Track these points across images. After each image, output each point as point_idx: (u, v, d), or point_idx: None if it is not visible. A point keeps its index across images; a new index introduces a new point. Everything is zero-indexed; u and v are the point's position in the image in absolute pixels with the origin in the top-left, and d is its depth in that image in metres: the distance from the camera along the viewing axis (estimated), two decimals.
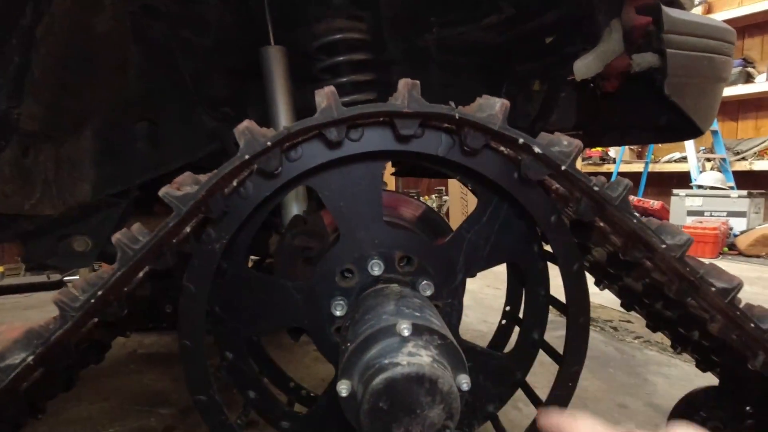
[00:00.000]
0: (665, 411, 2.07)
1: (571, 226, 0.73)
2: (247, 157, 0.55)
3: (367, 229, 0.83)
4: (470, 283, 1.00)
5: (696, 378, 2.33)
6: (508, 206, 0.84)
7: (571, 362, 0.77)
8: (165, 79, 1.20)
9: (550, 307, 0.91)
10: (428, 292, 0.83)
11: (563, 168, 0.56)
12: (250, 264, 1.05)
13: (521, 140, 0.55)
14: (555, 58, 1.37)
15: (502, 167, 0.69)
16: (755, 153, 5.39)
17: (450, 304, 0.86)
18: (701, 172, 5.19)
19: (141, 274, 0.60)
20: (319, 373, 2.35)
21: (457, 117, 0.55)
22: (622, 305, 1.16)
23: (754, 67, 5.38)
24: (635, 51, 1.17)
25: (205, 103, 1.24)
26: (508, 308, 1.09)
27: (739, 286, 0.60)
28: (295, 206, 1.11)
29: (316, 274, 0.84)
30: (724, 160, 5.27)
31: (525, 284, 0.88)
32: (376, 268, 0.82)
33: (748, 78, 5.34)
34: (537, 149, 0.56)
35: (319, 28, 1.18)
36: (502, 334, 1.11)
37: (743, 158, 5.37)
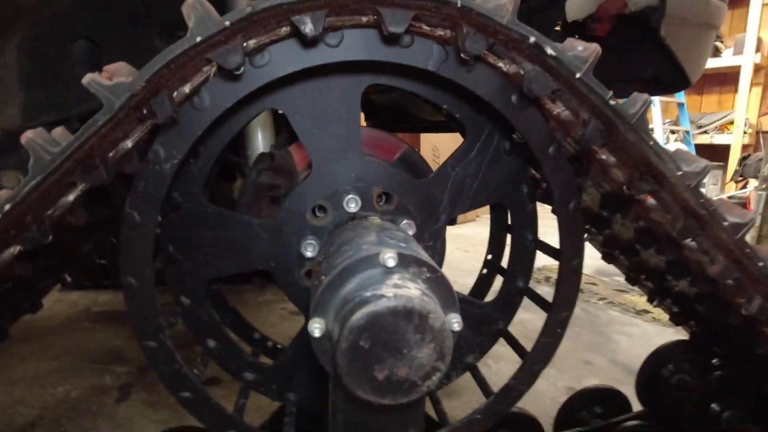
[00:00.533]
0: (627, 367, 2.14)
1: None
2: (198, 39, 0.44)
3: (343, 161, 0.74)
4: None
5: (656, 336, 2.41)
6: (500, 139, 0.76)
7: (561, 308, 0.72)
8: None
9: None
10: (409, 233, 0.76)
11: (578, 76, 0.48)
12: None
13: (533, 39, 0.47)
14: None
15: (499, 86, 0.60)
16: (716, 127, 5.55)
17: (432, 248, 0.79)
18: (666, 143, 5.31)
19: (71, 196, 0.49)
20: (286, 331, 2.28)
21: (459, 5, 0.45)
22: (603, 258, 1.13)
23: (721, 41, 5.45)
24: None
25: (157, 24, 1.08)
26: (489, 257, 1.04)
27: (751, 221, 0.55)
28: (261, 141, 1.00)
29: (284, 210, 0.75)
30: (687, 132, 5.40)
31: (512, 228, 0.82)
32: (352, 205, 0.74)
33: (716, 52, 5.41)
34: (551, 51, 0.47)
35: None
36: (482, 284, 1.07)
37: (705, 132, 5.52)
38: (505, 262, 0.94)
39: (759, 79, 5.25)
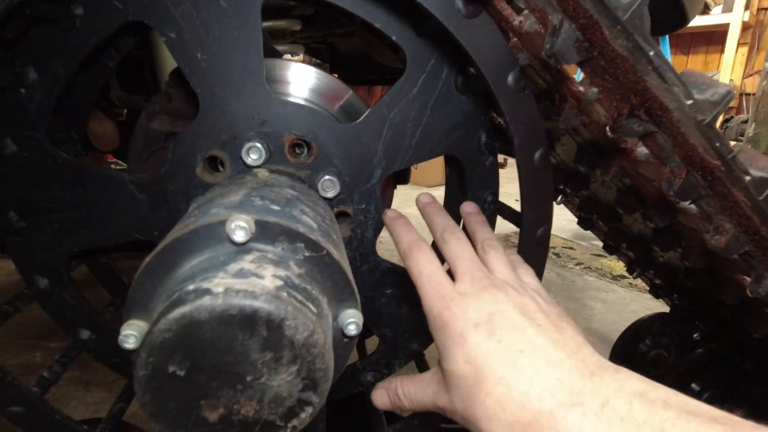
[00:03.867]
0: (601, 334, 2.06)
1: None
2: None
3: (242, 97, 0.55)
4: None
5: (631, 302, 2.34)
6: (450, 71, 0.58)
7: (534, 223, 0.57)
8: None
9: (499, 220, 0.70)
10: (331, 192, 0.59)
11: None
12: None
13: None
14: None
15: None
16: None
17: (363, 211, 0.62)
18: None
19: None
20: None
21: None
22: (579, 223, 0.98)
23: None
24: None
25: None
26: None
27: None
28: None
29: (168, 163, 0.57)
30: None
31: (466, 187, 0.65)
32: (253, 155, 0.56)
33: (705, 9, 5.21)
34: None
35: None
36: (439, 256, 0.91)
37: None
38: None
39: (746, 38, 5.09)
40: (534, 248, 0.56)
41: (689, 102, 0.35)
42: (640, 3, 0.32)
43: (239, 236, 0.28)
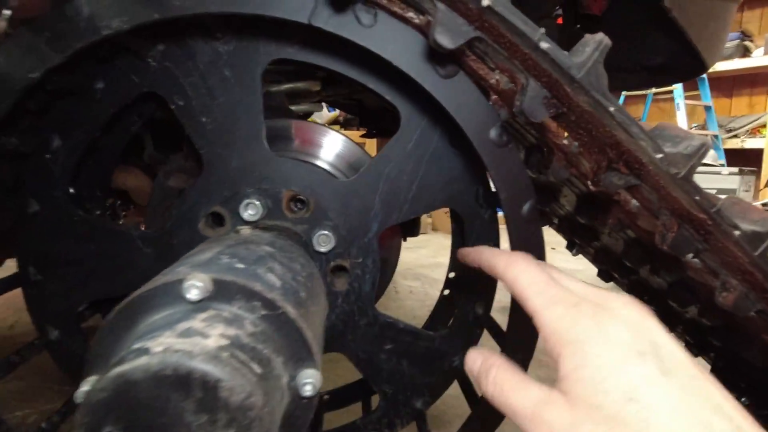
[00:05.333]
0: None
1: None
2: None
3: (242, 157, 0.58)
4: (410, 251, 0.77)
5: None
6: (443, 129, 0.59)
7: (516, 349, 0.54)
8: None
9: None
10: (326, 246, 0.60)
11: (486, 3, 0.31)
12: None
13: None
14: None
15: (408, 44, 0.44)
16: (747, 131, 5.20)
17: (361, 265, 0.62)
18: None
19: None
20: None
21: None
22: (599, 275, 0.94)
23: (751, 41, 5.14)
24: None
25: None
26: (452, 274, 0.85)
27: None
28: None
29: (172, 219, 0.60)
30: (716, 137, 5.08)
31: (465, 240, 0.64)
32: (251, 211, 0.58)
33: (745, 52, 5.10)
34: None
35: None
36: (444, 308, 0.89)
37: (735, 136, 5.18)
38: None
39: None
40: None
41: (659, 156, 0.34)
42: (594, 61, 0.32)
43: (193, 294, 0.29)
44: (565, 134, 0.43)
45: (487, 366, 0.35)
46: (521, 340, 0.54)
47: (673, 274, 0.52)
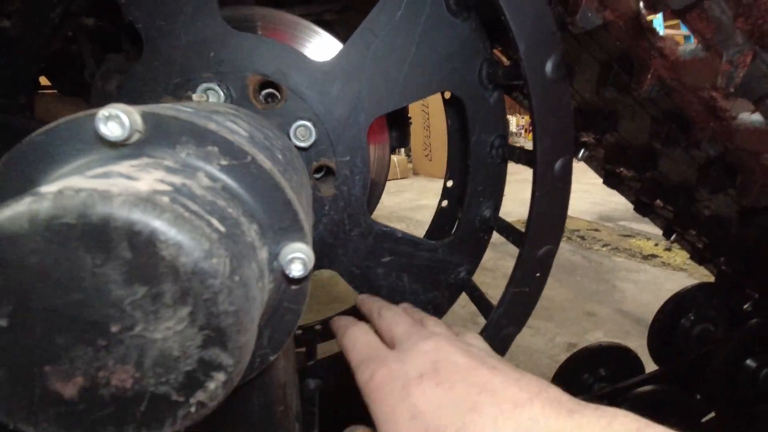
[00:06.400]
0: (636, 316, 1.92)
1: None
2: None
3: (191, 29, 0.47)
4: (393, 195, 0.67)
5: (666, 282, 2.19)
6: None
7: (538, 239, 0.47)
8: None
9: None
10: (306, 142, 0.50)
11: None
12: None
13: None
14: None
15: None
16: None
17: (349, 164, 0.53)
18: None
19: None
20: None
21: None
22: (605, 182, 0.87)
23: None
24: None
25: None
26: (450, 182, 0.77)
27: None
28: None
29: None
30: None
31: (468, 130, 0.55)
32: (211, 99, 0.47)
33: None
34: None
35: None
36: (443, 220, 0.81)
37: None
38: None
39: None
40: (553, 184, 0.45)
41: None
42: None
43: (114, 131, 0.19)
44: None
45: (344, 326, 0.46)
46: (548, 226, 0.46)
47: (716, 145, 0.44)
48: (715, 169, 0.52)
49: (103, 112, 0.20)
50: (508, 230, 0.55)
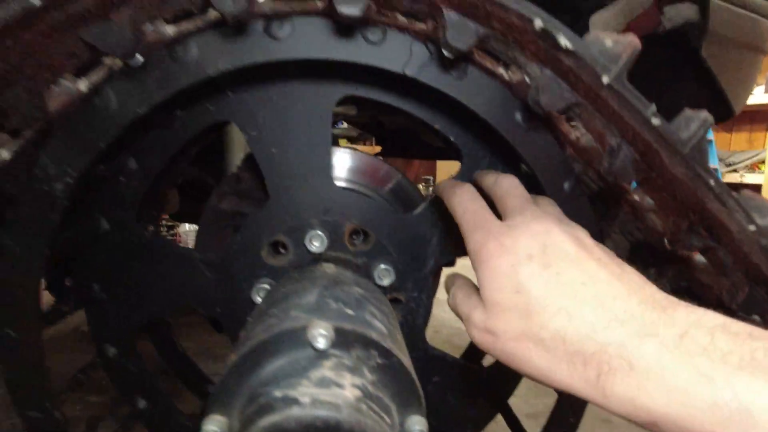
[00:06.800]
0: None
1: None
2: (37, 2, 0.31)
3: (308, 188, 0.60)
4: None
5: None
6: (504, 168, 0.62)
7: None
8: None
9: None
10: (386, 281, 0.61)
11: (606, 81, 0.33)
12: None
13: (538, 22, 0.33)
14: (563, 15, 1.14)
15: (498, 98, 0.46)
16: (747, 166, 5.29)
17: (416, 299, 0.64)
18: None
19: None
20: None
21: None
22: None
23: None
24: (667, 3, 0.95)
25: None
26: None
27: None
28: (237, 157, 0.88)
29: (235, 245, 0.61)
30: (716, 170, 5.17)
31: None
32: (316, 243, 0.60)
33: None
34: (565, 42, 0.33)
35: None
36: None
37: (735, 170, 5.27)
38: None
39: None
40: None
41: (752, 227, 0.36)
42: (699, 138, 0.34)
43: (321, 343, 0.31)
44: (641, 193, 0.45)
45: (451, 284, 0.49)
46: None
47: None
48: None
49: (316, 330, 0.31)
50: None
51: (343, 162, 0.70)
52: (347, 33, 0.43)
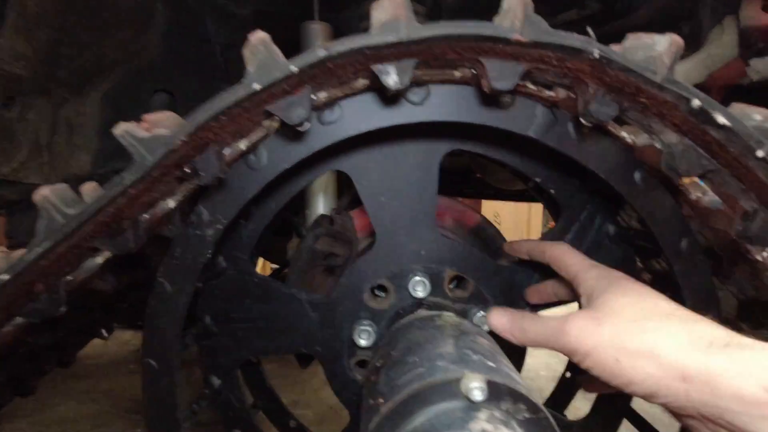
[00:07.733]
0: None
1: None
2: (256, 87, 0.37)
3: (413, 236, 0.63)
4: None
5: None
6: (602, 222, 0.62)
7: None
8: (191, 48, 1.05)
9: None
10: (485, 327, 0.62)
11: (761, 155, 0.34)
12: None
13: (696, 102, 0.35)
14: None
15: (619, 161, 0.48)
16: None
17: (511, 346, 0.64)
18: None
19: (94, 261, 0.42)
20: (328, 398, 2.11)
21: (596, 55, 0.34)
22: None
23: None
24: (754, 55, 0.95)
25: (234, 79, 1.07)
26: None
27: None
28: (321, 203, 0.93)
29: (339, 287, 0.64)
30: None
31: None
32: (419, 288, 0.62)
33: None
34: (723, 119, 0.34)
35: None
36: (565, 390, 0.88)
37: None
38: None
39: None
40: None
41: None
42: None
43: (477, 396, 0.32)
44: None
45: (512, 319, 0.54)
46: None
47: None
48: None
49: (472, 384, 0.33)
50: (639, 421, 0.62)
51: (440, 209, 0.73)
52: (489, 101, 0.46)
